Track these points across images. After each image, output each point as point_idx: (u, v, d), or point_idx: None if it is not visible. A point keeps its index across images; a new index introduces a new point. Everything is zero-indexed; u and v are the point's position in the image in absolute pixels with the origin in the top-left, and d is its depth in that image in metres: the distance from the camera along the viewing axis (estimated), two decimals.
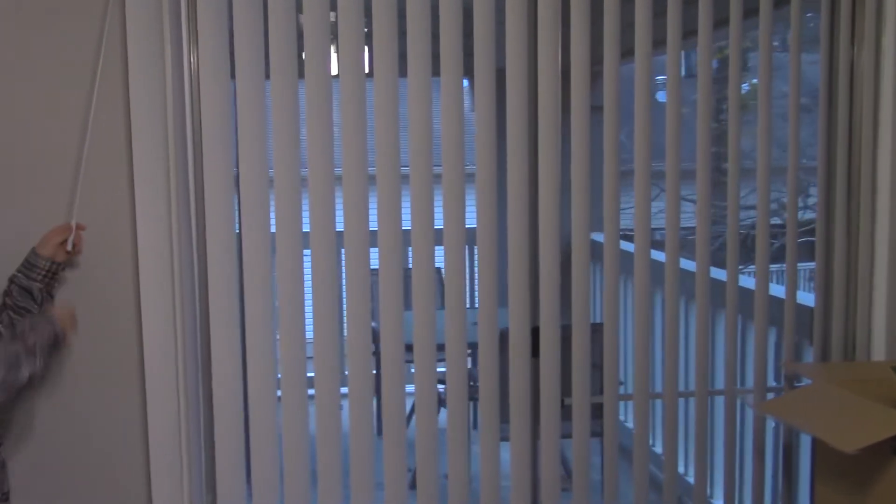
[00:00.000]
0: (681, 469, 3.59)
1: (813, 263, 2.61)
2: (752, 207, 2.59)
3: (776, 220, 3.01)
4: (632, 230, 2.48)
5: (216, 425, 2.31)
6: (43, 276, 2.02)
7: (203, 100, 2.20)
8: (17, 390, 1.85)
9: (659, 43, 2.42)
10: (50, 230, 2.06)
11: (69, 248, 2.06)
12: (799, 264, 2.61)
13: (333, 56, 2.28)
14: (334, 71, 2.29)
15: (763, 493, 2.70)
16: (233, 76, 2.22)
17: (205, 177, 2.22)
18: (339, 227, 2.31)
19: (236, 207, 2.27)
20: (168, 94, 2.16)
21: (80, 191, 2.13)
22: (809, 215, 3.03)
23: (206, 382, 2.31)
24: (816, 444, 2.34)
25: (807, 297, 2.73)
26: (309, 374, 2.35)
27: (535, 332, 2.43)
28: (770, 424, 2.81)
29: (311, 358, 2.36)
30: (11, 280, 2.02)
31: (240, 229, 2.27)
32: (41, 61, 2.11)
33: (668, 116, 2.44)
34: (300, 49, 2.23)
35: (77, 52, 2.12)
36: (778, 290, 2.71)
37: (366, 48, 2.29)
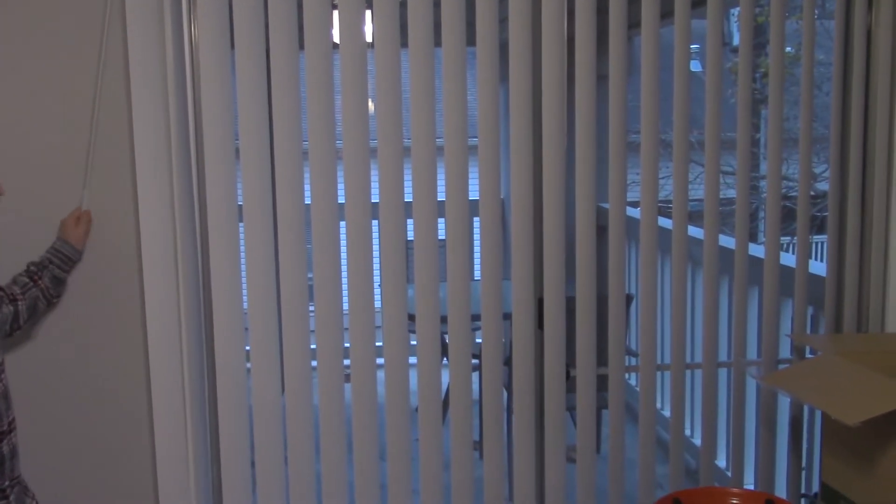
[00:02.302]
0: (697, 442, 3.58)
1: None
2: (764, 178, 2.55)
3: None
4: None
5: (220, 419, 2.33)
6: (72, 266, 2.10)
7: (203, 71, 2.20)
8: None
9: (667, 14, 2.38)
10: (69, 219, 2.10)
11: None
12: (816, 236, 2.57)
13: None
14: (335, 41, 2.28)
15: (774, 467, 2.68)
16: (232, 47, 2.21)
17: (205, 149, 2.22)
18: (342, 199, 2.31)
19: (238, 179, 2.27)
20: (168, 65, 2.16)
21: (90, 172, 2.15)
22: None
23: (210, 369, 2.33)
24: (824, 415, 2.31)
25: (821, 268, 2.68)
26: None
27: (540, 304, 2.43)
28: (784, 397, 2.78)
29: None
30: (44, 266, 2.04)
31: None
32: (40, 35, 2.12)
33: (709, 87, 2.40)
34: (300, 19, 2.22)
35: (77, 23, 2.12)
36: (791, 259, 2.68)
37: (367, 17, 2.27)
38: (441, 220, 2.40)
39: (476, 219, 2.40)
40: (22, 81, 2.13)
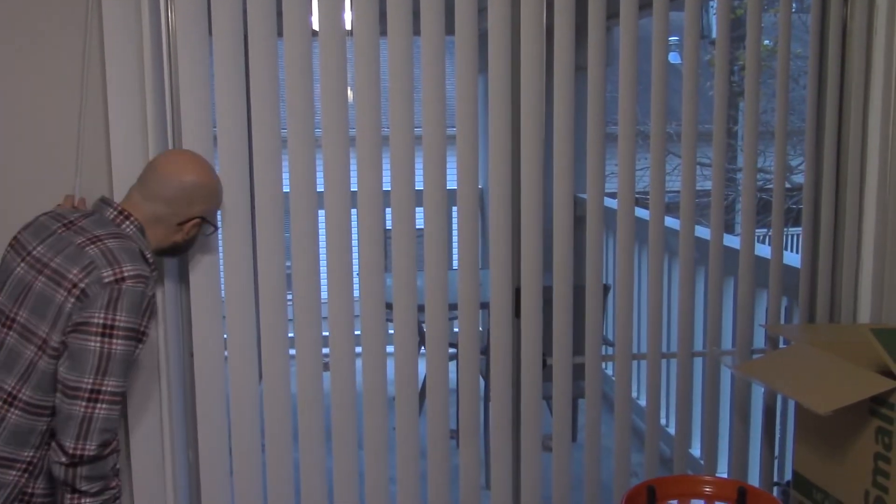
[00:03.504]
0: (671, 431, 3.61)
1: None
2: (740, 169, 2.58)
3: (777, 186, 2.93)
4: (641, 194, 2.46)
5: (198, 406, 2.32)
6: None
7: (180, 57, 2.18)
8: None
9: (645, 5, 2.39)
10: (65, 205, 2.07)
11: None
12: (792, 228, 2.60)
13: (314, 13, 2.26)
14: (314, 28, 2.27)
15: (747, 455, 2.71)
16: (210, 33, 2.20)
17: (183, 136, 2.21)
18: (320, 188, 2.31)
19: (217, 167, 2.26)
20: (145, 50, 2.14)
21: (81, 160, 2.13)
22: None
23: (188, 357, 2.32)
24: (797, 404, 2.34)
25: (795, 259, 2.71)
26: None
27: (517, 293, 2.44)
28: (758, 386, 2.81)
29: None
30: None
31: None
32: (23, 23, 2.10)
33: (686, 80, 2.41)
34: (279, 6, 2.21)
35: (61, 11, 2.10)
36: (765, 251, 2.71)
37: (346, 5, 2.27)
38: (419, 210, 2.40)
39: (454, 208, 2.41)
40: (5, 73, 2.11)
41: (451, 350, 2.62)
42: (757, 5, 2.43)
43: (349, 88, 2.29)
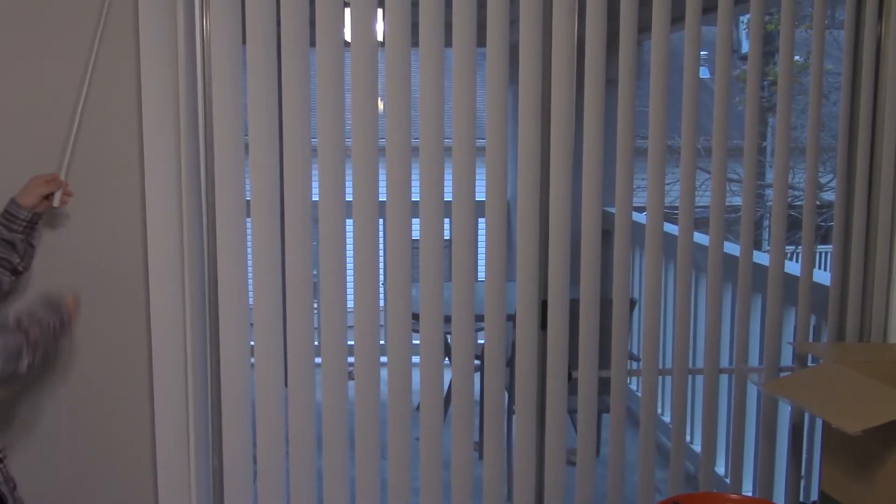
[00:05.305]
0: (696, 448, 3.58)
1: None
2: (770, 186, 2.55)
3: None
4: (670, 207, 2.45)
5: (223, 412, 2.34)
6: (24, 227, 1.98)
7: (214, 66, 2.20)
8: (12, 380, 1.77)
9: (677, 20, 2.38)
10: (32, 179, 2.01)
11: (55, 203, 2.03)
12: (819, 246, 2.58)
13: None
14: (347, 39, 2.28)
15: (772, 474, 2.69)
16: (244, 42, 2.22)
17: (215, 144, 2.23)
18: (349, 198, 2.32)
19: (247, 175, 2.28)
20: (179, 59, 2.16)
21: (72, 145, 2.13)
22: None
23: (215, 363, 2.34)
24: (825, 424, 2.32)
25: (824, 277, 2.69)
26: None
27: (543, 306, 2.43)
28: (785, 404, 2.79)
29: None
30: None
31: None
32: (46, 20, 2.13)
33: (718, 94, 2.40)
34: (312, 16, 2.23)
35: (87, 15, 2.13)
36: (795, 268, 2.68)
37: (379, 16, 2.28)
38: (447, 220, 2.40)
39: (482, 220, 2.41)
40: (20, 70, 2.13)
41: (476, 362, 2.61)
42: (789, 21, 2.42)
43: (380, 99, 2.30)
